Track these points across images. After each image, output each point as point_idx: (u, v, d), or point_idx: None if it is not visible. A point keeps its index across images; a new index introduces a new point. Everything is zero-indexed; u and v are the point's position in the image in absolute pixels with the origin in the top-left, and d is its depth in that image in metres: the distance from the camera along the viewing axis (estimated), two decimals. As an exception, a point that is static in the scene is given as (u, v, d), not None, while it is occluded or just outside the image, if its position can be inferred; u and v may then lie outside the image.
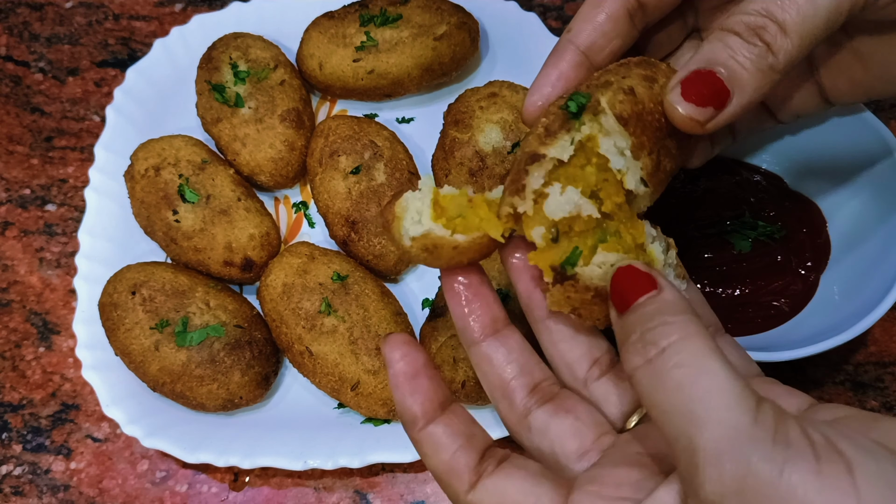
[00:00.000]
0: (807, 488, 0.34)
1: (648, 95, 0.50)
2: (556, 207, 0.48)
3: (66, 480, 0.80)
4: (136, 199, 0.84)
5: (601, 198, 0.49)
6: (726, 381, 0.37)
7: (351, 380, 0.75)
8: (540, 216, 0.49)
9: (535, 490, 0.45)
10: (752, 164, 0.81)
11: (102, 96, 1.01)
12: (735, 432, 0.35)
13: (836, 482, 0.34)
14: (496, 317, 0.52)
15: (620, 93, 0.49)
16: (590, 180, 0.49)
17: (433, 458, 0.47)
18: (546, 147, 0.49)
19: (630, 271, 0.44)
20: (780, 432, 0.35)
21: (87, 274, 0.84)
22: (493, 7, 0.94)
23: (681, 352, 0.39)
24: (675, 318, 0.40)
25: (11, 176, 0.96)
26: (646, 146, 0.49)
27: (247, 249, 0.82)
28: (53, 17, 1.06)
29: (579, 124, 0.49)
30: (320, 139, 0.86)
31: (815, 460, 0.34)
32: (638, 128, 0.49)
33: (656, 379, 0.39)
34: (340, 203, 0.83)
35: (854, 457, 0.35)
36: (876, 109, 0.93)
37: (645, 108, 0.49)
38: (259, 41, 0.91)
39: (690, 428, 0.37)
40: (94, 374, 0.79)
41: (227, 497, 0.79)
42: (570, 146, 0.49)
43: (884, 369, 0.81)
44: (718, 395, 0.37)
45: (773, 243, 0.75)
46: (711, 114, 0.48)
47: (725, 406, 0.36)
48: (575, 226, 0.49)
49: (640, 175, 0.49)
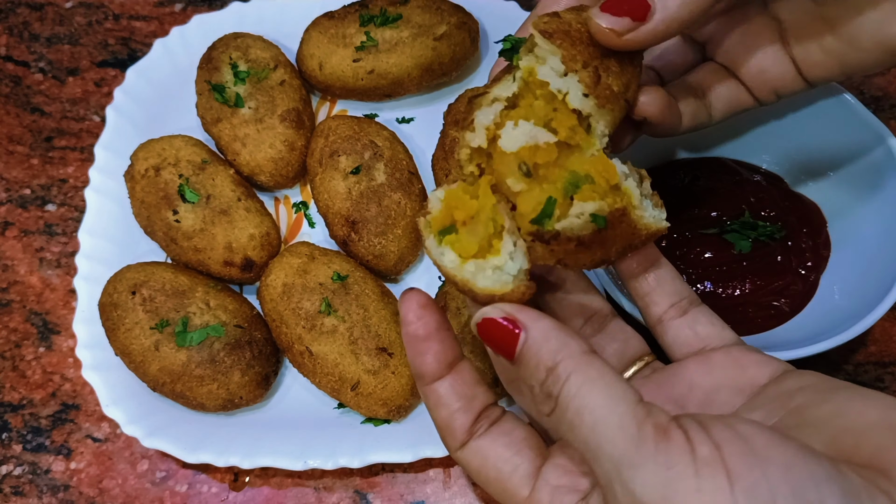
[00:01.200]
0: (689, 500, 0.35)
1: (574, 17, 0.51)
2: (512, 140, 0.50)
3: (66, 480, 0.80)
4: (136, 199, 0.84)
5: (555, 128, 0.50)
6: (608, 411, 0.40)
7: (351, 380, 0.75)
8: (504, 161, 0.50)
9: (514, 459, 0.48)
10: (752, 164, 0.81)
11: (102, 96, 1.01)
12: (619, 462, 0.38)
13: (716, 498, 0.35)
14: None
15: (546, 17, 0.51)
16: (540, 114, 0.50)
17: (434, 412, 0.50)
18: (490, 88, 0.52)
19: (489, 325, 0.46)
20: (660, 453, 0.37)
21: (87, 274, 0.84)
22: (493, 7, 0.94)
23: (567, 396, 0.41)
24: (558, 363, 0.43)
25: (11, 176, 0.96)
26: (578, 59, 0.50)
27: (247, 249, 0.82)
28: (53, 17, 1.06)
29: (516, 60, 0.51)
30: (320, 139, 0.86)
31: (695, 476, 0.36)
32: (566, 41, 0.50)
33: (558, 424, 0.42)
34: (340, 203, 0.83)
35: (737, 468, 0.35)
36: (876, 109, 0.93)
37: (572, 27, 0.51)
38: (259, 41, 0.91)
39: (591, 460, 0.40)
40: (94, 374, 0.79)
41: (227, 497, 0.79)
42: (512, 83, 0.51)
43: (884, 369, 0.81)
44: (602, 429, 0.39)
45: (773, 243, 0.75)
46: (629, 25, 0.49)
47: (609, 439, 0.39)
48: (538, 158, 0.50)
49: (581, 90, 0.50)
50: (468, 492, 0.77)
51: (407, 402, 0.76)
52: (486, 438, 0.49)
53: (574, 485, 0.46)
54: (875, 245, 0.72)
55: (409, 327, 0.49)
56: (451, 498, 0.77)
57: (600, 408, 0.40)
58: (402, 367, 0.76)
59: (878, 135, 0.72)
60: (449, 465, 0.78)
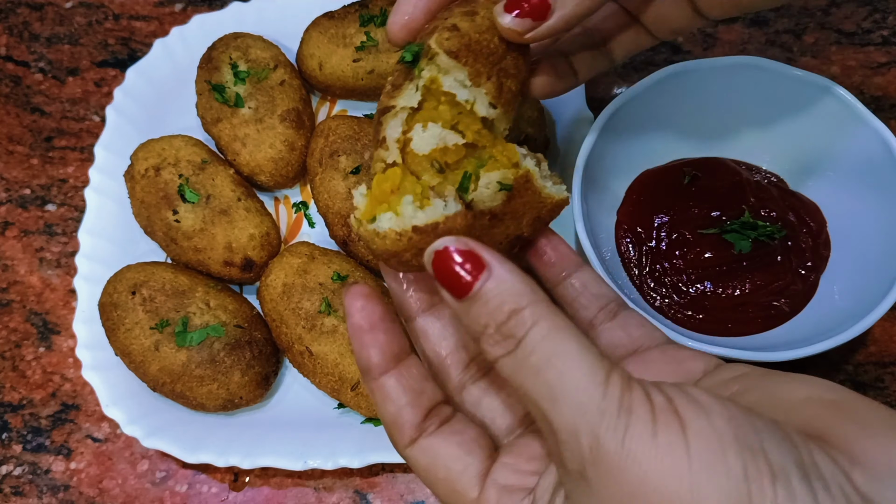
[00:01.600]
0: (644, 453, 0.36)
1: (471, 27, 0.53)
2: (422, 143, 0.52)
3: (66, 480, 0.80)
4: (136, 199, 0.84)
5: (461, 130, 0.53)
6: (578, 359, 0.40)
7: (351, 380, 0.75)
8: (417, 161, 0.53)
9: (464, 458, 0.47)
10: (752, 164, 0.81)
11: (102, 96, 1.01)
12: (586, 408, 0.38)
13: (670, 445, 0.36)
14: (432, 291, 0.53)
15: (445, 31, 0.52)
16: (446, 117, 0.53)
17: (381, 408, 0.49)
18: (394, 99, 0.53)
19: (447, 254, 0.43)
20: (624, 401, 0.38)
21: (87, 274, 0.84)
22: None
23: (535, 339, 0.41)
24: (524, 307, 0.42)
25: (11, 176, 0.96)
26: (482, 73, 0.53)
27: (247, 249, 0.82)
28: (53, 17, 1.06)
29: (419, 70, 0.53)
30: (320, 139, 0.86)
31: (652, 423, 0.37)
32: (470, 58, 0.53)
33: (518, 367, 0.41)
34: (340, 203, 0.83)
35: (687, 415, 0.37)
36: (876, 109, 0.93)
37: (472, 39, 0.53)
38: (259, 41, 0.91)
39: (551, 410, 0.39)
40: (94, 374, 0.79)
41: (227, 497, 0.79)
42: (415, 93, 0.53)
43: (884, 369, 0.81)
44: (571, 375, 0.39)
45: (772, 243, 0.75)
46: (530, 25, 0.52)
47: (576, 386, 0.39)
48: (448, 158, 0.53)
49: (488, 100, 0.54)
50: (468, 492, 0.77)
51: (407, 402, 0.76)
52: (437, 437, 0.48)
53: (522, 483, 0.46)
54: (875, 245, 0.72)
55: (352, 318, 0.48)
56: (451, 498, 0.77)
57: (571, 355, 0.40)
58: (402, 367, 0.76)
59: (878, 135, 0.72)
60: (449, 465, 0.78)
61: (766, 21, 0.99)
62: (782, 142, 0.79)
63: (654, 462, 0.36)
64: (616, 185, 0.80)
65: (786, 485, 0.35)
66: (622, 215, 0.79)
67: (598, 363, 0.40)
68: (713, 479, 0.35)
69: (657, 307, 0.75)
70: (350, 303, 0.48)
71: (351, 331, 0.49)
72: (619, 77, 0.98)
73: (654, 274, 0.76)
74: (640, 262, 0.77)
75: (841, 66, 0.96)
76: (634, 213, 0.78)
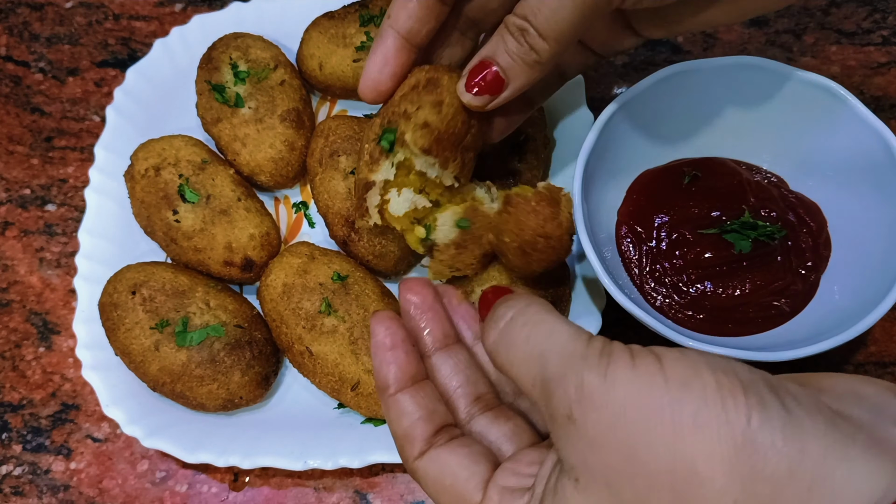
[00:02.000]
0: (624, 382, 0.40)
1: (440, 120, 0.64)
2: (397, 206, 0.67)
3: (66, 480, 0.80)
4: (136, 199, 0.84)
5: (428, 191, 0.67)
6: (563, 326, 0.45)
7: (351, 380, 0.75)
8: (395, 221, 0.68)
9: (472, 467, 0.50)
10: (752, 164, 0.81)
11: (102, 96, 1.01)
12: (571, 357, 0.43)
13: (648, 371, 0.40)
14: (447, 332, 0.57)
15: (418, 129, 0.63)
16: (415, 184, 0.67)
17: (395, 423, 0.52)
18: (374, 174, 0.67)
19: (490, 292, 0.52)
20: (605, 350, 0.42)
21: (87, 274, 0.84)
22: (493, 7, 0.94)
23: (524, 314, 0.47)
24: (517, 297, 0.49)
25: (11, 176, 0.96)
26: (450, 157, 0.66)
27: (247, 249, 0.82)
28: (53, 17, 1.06)
29: (394, 154, 0.66)
30: (320, 139, 0.86)
31: (631, 359, 0.41)
32: (439, 148, 0.64)
33: (509, 340, 0.47)
34: (340, 203, 0.83)
35: (663, 353, 0.41)
36: (876, 109, 0.93)
37: (441, 132, 0.64)
38: (259, 41, 0.91)
39: (541, 367, 0.44)
40: (94, 374, 0.79)
41: (227, 497, 0.79)
42: (391, 168, 0.66)
43: (884, 369, 0.81)
44: (558, 335, 0.44)
45: (773, 243, 0.75)
46: (488, 99, 0.61)
47: (562, 342, 0.44)
48: (417, 214, 0.68)
49: (452, 176, 0.67)
50: (468, 492, 0.77)
51: (407, 402, 0.76)
52: (446, 448, 0.51)
53: (522, 484, 0.47)
54: (875, 245, 0.72)
55: (376, 338, 0.54)
56: (451, 498, 0.77)
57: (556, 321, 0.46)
58: (402, 367, 0.76)
59: (879, 135, 0.72)
60: (449, 465, 0.78)
61: (766, 21, 0.99)
62: (782, 142, 0.79)
63: (633, 385, 0.40)
64: (616, 185, 0.80)
65: (756, 394, 0.38)
66: (622, 215, 0.79)
67: (580, 330, 0.45)
68: (688, 392, 0.38)
69: (657, 307, 0.75)
70: (376, 323, 0.54)
71: (374, 349, 0.54)
72: (619, 77, 0.98)
73: (654, 274, 0.76)
74: (640, 262, 0.77)
75: (841, 66, 0.96)
76: (634, 213, 0.78)
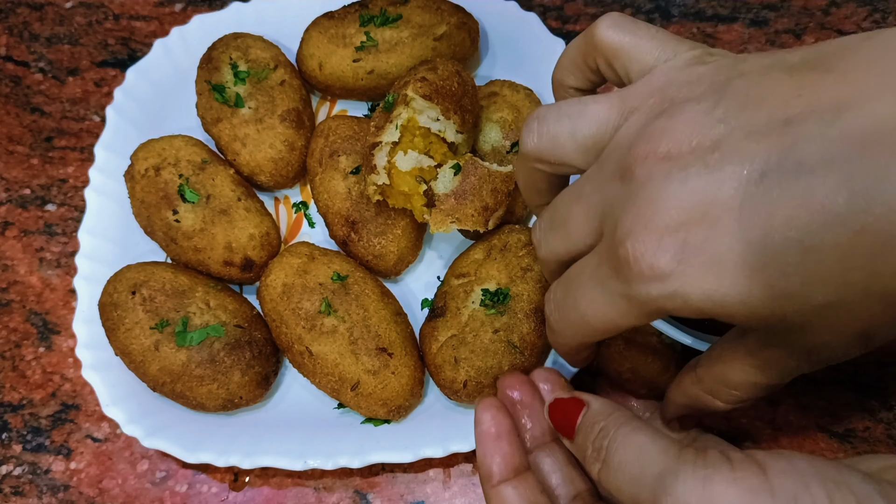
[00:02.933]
0: (727, 493, 0.38)
1: (436, 77, 0.74)
2: (404, 164, 0.73)
3: (66, 480, 0.80)
4: (136, 199, 0.84)
5: (432, 154, 0.74)
6: (651, 444, 0.44)
7: (351, 380, 0.75)
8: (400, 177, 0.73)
9: None
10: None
11: (102, 96, 1.01)
12: (662, 474, 0.41)
13: (751, 485, 0.38)
14: (544, 430, 0.57)
15: (418, 82, 0.73)
16: (420, 146, 0.73)
17: None
18: (379, 137, 0.74)
19: (559, 403, 0.52)
20: (699, 459, 0.40)
21: (87, 274, 0.84)
22: (493, 7, 0.94)
23: (616, 440, 0.46)
24: (606, 419, 0.48)
25: (11, 176, 0.96)
26: (450, 109, 0.73)
27: (247, 249, 0.82)
28: (53, 17, 1.06)
29: (397, 113, 0.73)
30: (320, 139, 0.86)
31: (731, 470, 0.39)
32: (439, 97, 0.73)
33: (610, 471, 0.46)
34: (340, 203, 0.83)
35: (766, 460, 0.39)
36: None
37: (439, 85, 0.73)
38: (259, 41, 0.91)
39: (637, 491, 0.43)
40: (94, 373, 0.79)
41: (227, 497, 0.79)
42: (395, 130, 0.73)
43: (884, 369, 0.81)
44: (648, 457, 0.43)
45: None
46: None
47: (653, 461, 0.42)
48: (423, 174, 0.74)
49: (455, 128, 0.74)
50: (468, 492, 0.77)
51: (407, 402, 0.76)
52: None
53: None
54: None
55: (482, 426, 0.54)
56: (451, 498, 0.77)
57: (646, 440, 0.44)
58: (402, 367, 0.76)
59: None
60: (449, 465, 0.78)
61: (766, 21, 0.99)
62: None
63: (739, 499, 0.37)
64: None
65: None
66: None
67: (671, 443, 0.43)
68: None
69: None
70: (481, 412, 0.55)
71: (478, 438, 0.55)
72: (619, 77, 0.98)
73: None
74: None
75: (841, 66, 0.96)
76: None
